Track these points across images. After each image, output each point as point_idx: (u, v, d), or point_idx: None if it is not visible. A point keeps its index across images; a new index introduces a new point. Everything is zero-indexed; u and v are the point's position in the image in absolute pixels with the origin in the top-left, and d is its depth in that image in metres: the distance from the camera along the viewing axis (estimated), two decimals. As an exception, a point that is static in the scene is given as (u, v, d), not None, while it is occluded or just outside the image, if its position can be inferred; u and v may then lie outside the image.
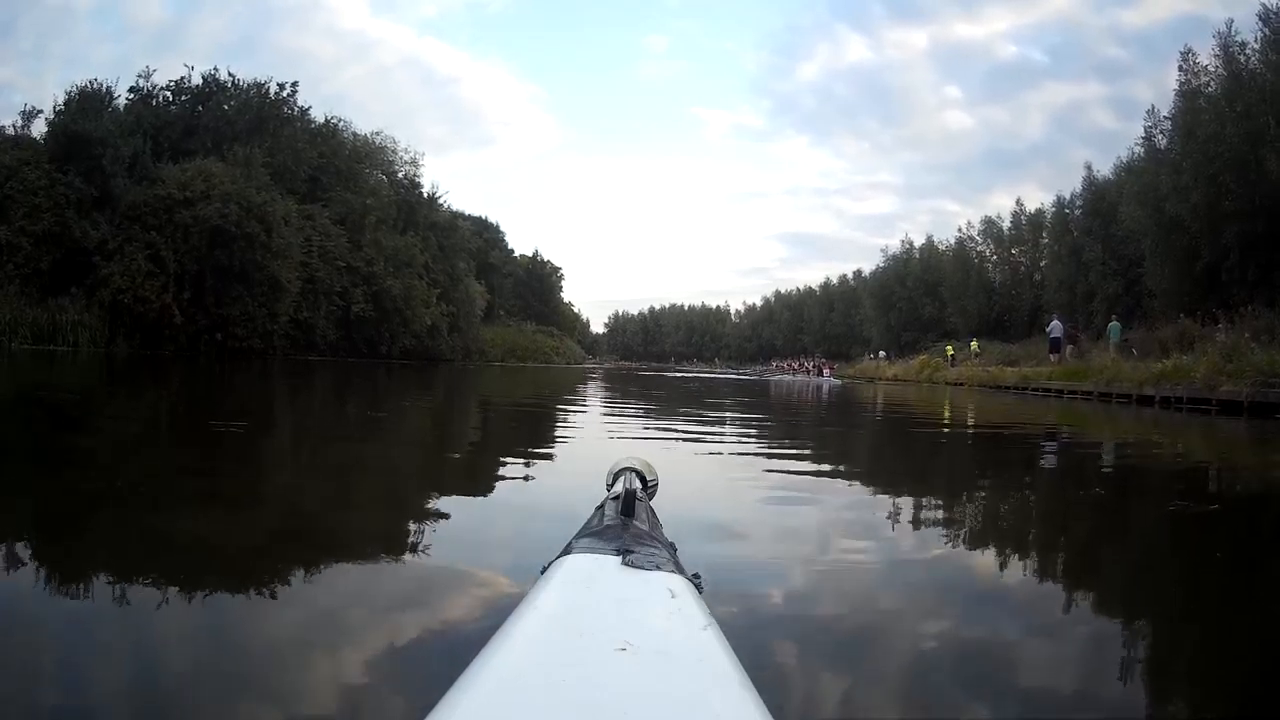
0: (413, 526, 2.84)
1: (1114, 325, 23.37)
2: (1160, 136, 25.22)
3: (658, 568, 0.96)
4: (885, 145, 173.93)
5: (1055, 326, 24.58)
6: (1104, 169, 33.63)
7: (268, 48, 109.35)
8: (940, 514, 3.73)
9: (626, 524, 1.11)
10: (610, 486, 1.49)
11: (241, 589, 2.01)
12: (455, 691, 0.64)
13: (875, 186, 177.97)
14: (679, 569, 0.98)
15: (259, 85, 35.02)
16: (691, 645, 0.75)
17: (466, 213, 53.85)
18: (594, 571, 0.95)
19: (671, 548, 1.09)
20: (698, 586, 0.96)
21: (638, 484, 1.44)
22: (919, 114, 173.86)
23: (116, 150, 26.45)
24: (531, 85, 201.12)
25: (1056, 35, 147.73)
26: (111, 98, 29.92)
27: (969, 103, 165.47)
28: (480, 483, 3.92)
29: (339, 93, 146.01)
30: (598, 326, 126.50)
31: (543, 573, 0.97)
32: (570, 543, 1.06)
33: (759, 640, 1.73)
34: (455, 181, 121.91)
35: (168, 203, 26.32)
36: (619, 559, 0.97)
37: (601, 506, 1.30)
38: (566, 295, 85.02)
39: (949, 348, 36.95)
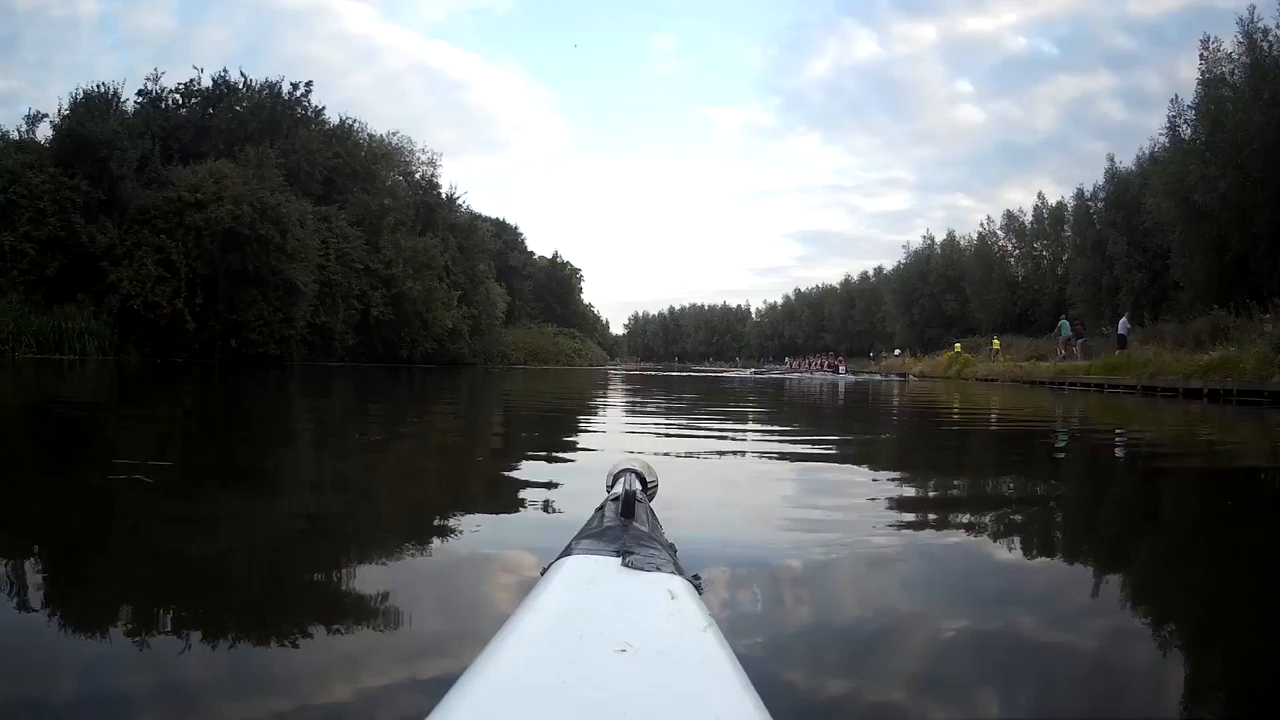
0: (409, 529, 2.79)
1: (1063, 323, 25.99)
2: (1185, 126, 25.34)
3: (658, 569, 0.94)
4: (897, 141, 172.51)
5: (1064, 325, 25.81)
6: (1124, 160, 33.87)
7: (274, 56, 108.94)
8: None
9: (626, 525, 1.08)
10: (610, 488, 1.43)
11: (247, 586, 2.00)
12: (455, 692, 0.64)
13: (888, 182, 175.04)
14: (679, 570, 0.96)
15: (271, 85, 34.09)
16: (691, 647, 0.74)
17: (485, 215, 52.94)
18: (594, 573, 0.93)
19: (671, 549, 1.06)
20: (698, 588, 0.93)
21: (637, 485, 1.39)
22: (930, 109, 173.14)
23: (123, 153, 25.44)
24: (540, 88, 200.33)
25: (1065, 26, 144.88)
26: (118, 100, 29.03)
27: (979, 96, 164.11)
28: (482, 487, 3.86)
29: (347, 99, 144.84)
30: (617, 328, 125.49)
31: (542, 574, 0.96)
32: (570, 544, 1.04)
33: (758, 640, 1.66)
34: (468, 186, 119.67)
35: (178, 205, 25.28)
36: (619, 560, 0.95)
37: (601, 508, 1.26)
38: (586, 297, 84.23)
39: (957, 345, 37.05)
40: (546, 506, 3.07)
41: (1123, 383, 17.11)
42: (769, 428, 7.94)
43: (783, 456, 5.28)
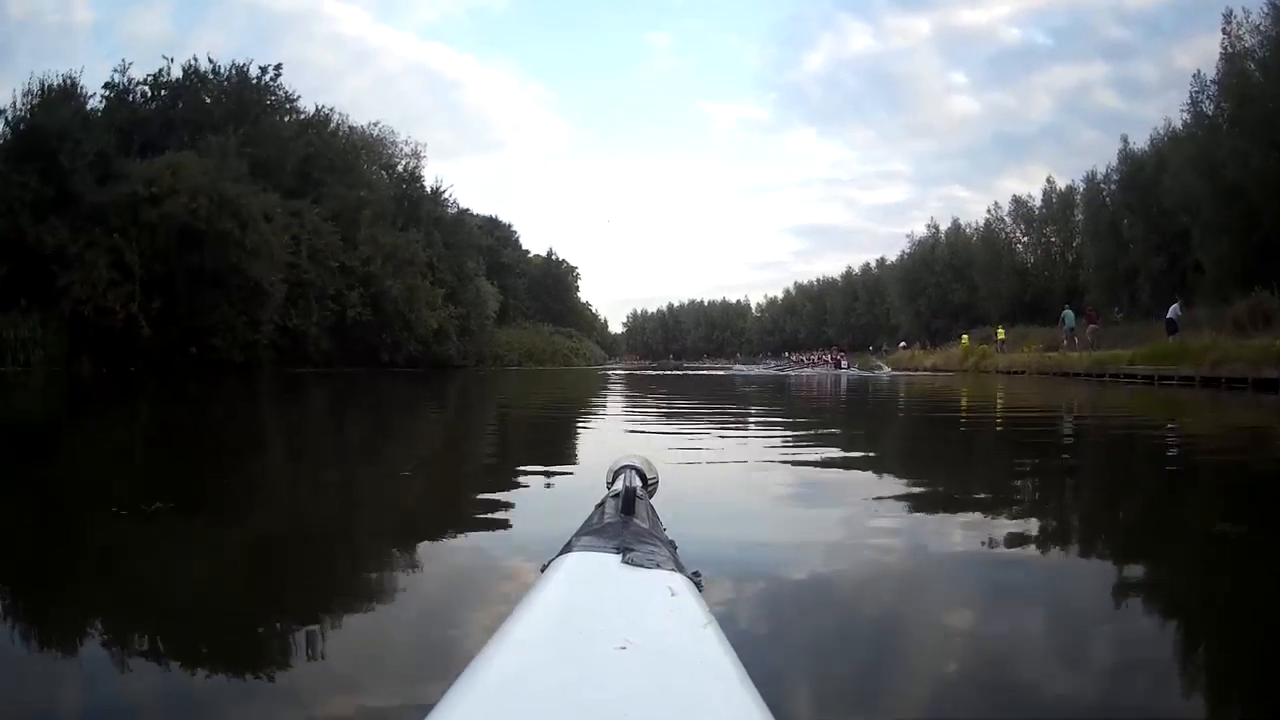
0: (407, 528, 2.77)
1: (1067, 312, 25.59)
2: (1207, 101, 25.11)
3: (658, 566, 0.93)
4: (893, 134, 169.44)
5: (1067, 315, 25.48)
6: (1137, 141, 33.10)
7: (269, 61, 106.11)
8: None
9: (627, 522, 1.08)
10: (610, 484, 1.44)
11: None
12: (456, 691, 0.64)
13: (886, 175, 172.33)
14: (679, 567, 0.96)
15: (239, 68, 32.05)
16: (692, 644, 0.74)
17: (475, 211, 50.97)
18: (594, 570, 0.93)
19: (672, 546, 1.06)
20: (698, 585, 0.93)
21: (638, 482, 1.38)
22: (926, 101, 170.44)
23: (76, 145, 23.39)
24: (537, 87, 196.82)
25: (1060, 17, 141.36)
26: (76, 88, 26.93)
27: (974, 88, 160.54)
28: (480, 485, 3.82)
29: (343, 102, 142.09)
30: (615, 326, 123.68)
31: (543, 571, 0.95)
32: (570, 541, 1.04)
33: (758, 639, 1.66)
34: (465, 186, 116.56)
35: (132, 200, 23.19)
36: (619, 557, 0.94)
37: (601, 504, 1.26)
38: (583, 295, 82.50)
39: (964, 336, 35.82)
40: (546, 503, 3.08)
41: (1178, 373, 15.17)
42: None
43: (785, 463, 4.84)
